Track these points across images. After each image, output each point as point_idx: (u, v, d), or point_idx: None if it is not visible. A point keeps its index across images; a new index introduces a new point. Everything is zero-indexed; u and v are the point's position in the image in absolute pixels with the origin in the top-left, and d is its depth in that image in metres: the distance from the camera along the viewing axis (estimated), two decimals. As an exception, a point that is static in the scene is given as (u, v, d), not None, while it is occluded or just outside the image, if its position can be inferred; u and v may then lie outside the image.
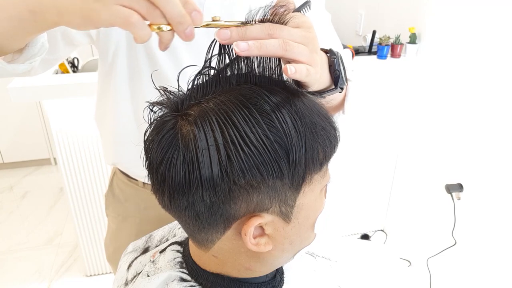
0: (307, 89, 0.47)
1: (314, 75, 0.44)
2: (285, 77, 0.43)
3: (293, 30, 0.41)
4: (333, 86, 0.52)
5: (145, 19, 0.37)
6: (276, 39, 0.39)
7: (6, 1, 0.42)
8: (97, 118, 0.85)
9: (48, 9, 0.40)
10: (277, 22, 0.41)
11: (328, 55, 0.51)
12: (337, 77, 0.51)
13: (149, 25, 0.37)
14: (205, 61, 0.42)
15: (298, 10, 0.44)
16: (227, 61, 0.42)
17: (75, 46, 0.71)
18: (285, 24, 0.41)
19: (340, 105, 0.63)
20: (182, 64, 0.69)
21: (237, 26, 0.40)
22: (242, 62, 0.43)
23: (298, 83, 0.45)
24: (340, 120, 0.65)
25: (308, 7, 0.45)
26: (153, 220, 0.80)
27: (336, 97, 0.57)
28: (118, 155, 0.82)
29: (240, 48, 0.38)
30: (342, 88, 0.53)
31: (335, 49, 0.52)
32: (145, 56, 0.70)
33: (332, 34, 0.75)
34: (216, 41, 0.41)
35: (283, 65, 0.42)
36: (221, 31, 0.39)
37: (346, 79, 0.54)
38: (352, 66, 0.55)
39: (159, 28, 0.37)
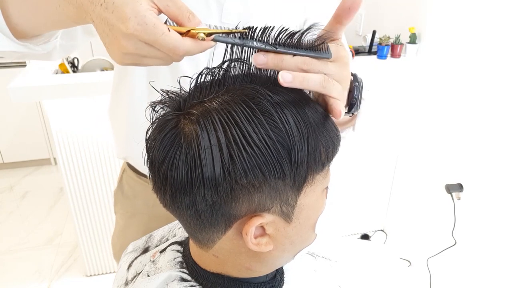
0: None
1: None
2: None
3: (331, 67, 0.42)
4: (346, 110, 0.53)
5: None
6: (318, 75, 0.41)
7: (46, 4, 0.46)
8: (111, 111, 0.85)
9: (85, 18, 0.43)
10: (313, 47, 0.41)
11: (352, 79, 0.52)
12: (352, 104, 0.52)
13: (189, 32, 0.40)
14: (222, 62, 0.43)
15: (312, 56, 0.43)
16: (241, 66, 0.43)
17: (93, 35, 0.71)
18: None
19: (350, 121, 0.63)
20: (199, 58, 0.69)
21: (240, 31, 0.40)
22: (245, 64, 0.43)
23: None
24: (349, 136, 0.65)
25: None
26: (161, 217, 0.80)
27: (346, 115, 0.58)
28: (130, 150, 0.82)
29: (285, 79, 0.39)
30: (353, 113, 0.53)
31: (359, 76, 0.52)
32: None
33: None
34: (231, 46, 0.42)
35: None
36: (258, 56, 0.40)
37: (360, 106, 0.55)
38: (368, 86, 0.56)
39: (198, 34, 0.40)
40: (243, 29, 0.40)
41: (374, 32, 1.92)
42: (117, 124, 0.85)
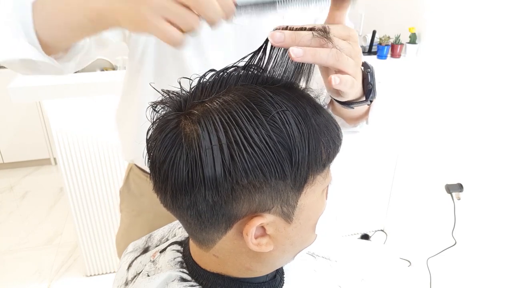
0: (341, 99, 0.49)
1: (356, 88, 0.46)
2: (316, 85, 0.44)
3: (343, 42, 0.43)
4: (363, 98, 0.53)
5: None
6: (329, 49, 0.41)
7: (67, 13, 0.50)
8: (119, 115, 0.85)
9: (107, 18, 0.46)
10: (324, 31, 0.42)
11: (362, 68, 0.52)
12: (369, 91, 0.52)
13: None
14: (248, 61, 0.43)
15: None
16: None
17: (106, 46, 0.73)
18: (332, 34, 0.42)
19: (363, 115, 0.63)
20: (208, 61, 0.70)
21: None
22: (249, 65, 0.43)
23: (333, 92, 0.47)
24: (362, 130, 0.65)
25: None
26: (167, 216, 0.80)
27: (361, 108, 0.57)
28: (138, 152, 0.82)
29: (295, 53, 0.39)
30: (371, 101, 0.53)
31: (369, 63, 0.53)
32: (171, 55, 0.71)
33: None
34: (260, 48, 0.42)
35: (303, 80, 0.44)
36: (276, 33, 0.40)
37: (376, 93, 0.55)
38: (379, 78, 0.56)
39: None
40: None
41: (374, 32, 1.92)
42: (125, 127, 0.85)
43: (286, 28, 0.41)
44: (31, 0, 0.52)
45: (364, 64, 0.52)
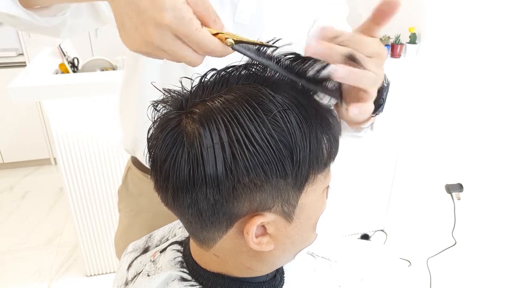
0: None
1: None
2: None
3: (372, 64, 0.42)
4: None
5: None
6: (372, 74, 0.41)
7: None
8: (121, 106, 0.85)
9: None
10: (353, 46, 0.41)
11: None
12: (379, 105, 0.51)
13: (216, 34, 0.40)
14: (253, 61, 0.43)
15: (321, 90, 0.44)
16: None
17: (100, 18, 0.70)
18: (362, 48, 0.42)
19: (368, 120, 0.63)
20: (209, 60, 0.69)
21: (264, 45, 0.41)
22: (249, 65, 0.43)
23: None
24: (366, 136, 0.65)
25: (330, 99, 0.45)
26: (165, 215, 0.80)
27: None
28: (138, 142, 0.82)
29: (339, 74, 0.39)
30: (377, 114, 0.53)
31: (387, 76, 0.52)
32: None
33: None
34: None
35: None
36: (338, 71, 0.40)
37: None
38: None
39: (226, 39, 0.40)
40: (268, 42, 0.41)
41: (374, 32, 1.92)
42: (126, 119, 0.84)
43: (262, 46, 0.41)
44: None
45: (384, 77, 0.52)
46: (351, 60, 0.40)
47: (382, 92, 0.50)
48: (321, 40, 0.41)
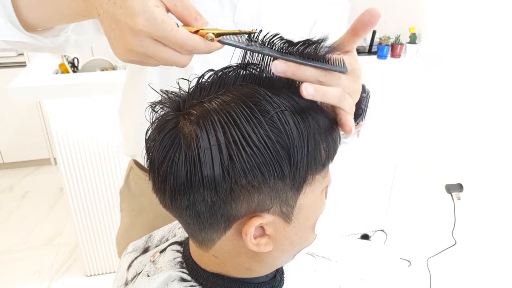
0: None
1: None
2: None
3: (344, 80, 0.42)
4: None
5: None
6: (337, 90, 0.40)
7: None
8: (121, 109, 0.85)
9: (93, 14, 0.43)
10: (327, 60, 0.40)
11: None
12: (358, 115, 0.52)
13: (198, 32, 0.40)
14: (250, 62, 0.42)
15: (328, 68, 0.42)
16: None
17: (104, 34, 0.71)
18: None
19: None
20: (208, 59, 0.69)
21: (248, 32, 0.40)
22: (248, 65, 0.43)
23: None
24: (352, 142, 0.65)
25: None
26: (167, 215, 0.80)
27: None
28: (138, 148, 0.82)
29: (308, 91, 0.38)
30: (357, 123, 0.53)
31: (367, 86, 0.52)
32: None
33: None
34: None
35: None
36: (279, 64, 0.39)
37: (365, 116, 0.54)
38: (373, 94, 0.55)
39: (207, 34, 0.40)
40: (252, 30, 0.40)
41: (374, 32, 1.92)
42: (126, 122, 0.84)
43: (251, 36, 0.40)
44: None
45: (362, 87, 0.52)
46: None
47: (361, 102, 0.51)
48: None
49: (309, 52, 0.40)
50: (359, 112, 0.51)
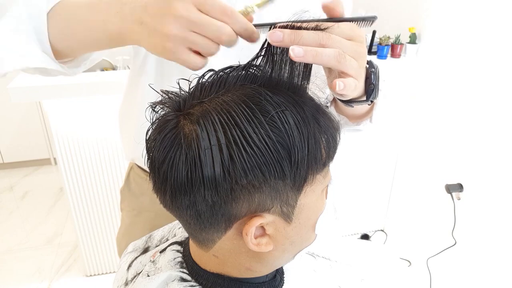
0: (341, 98, 0.48)
1: (358, 89, 0.45)
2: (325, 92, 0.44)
3: (346, 43, 0.41)
4: (364, 98, 0.52)
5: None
6: (332, 49, 0.40)
7: (85, 28, 0.51)
8: (121, 114, 0.85)
9: (127, 38, 0.48)
10: (328, 29, 0.41)
11: (367, 66, 0.51)
12: (370, 90, 0.51)
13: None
14: (252, 60, 0.43)
15: (357, 20, 0.43)
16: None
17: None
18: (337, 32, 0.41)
19: (367, 113, 0.62)
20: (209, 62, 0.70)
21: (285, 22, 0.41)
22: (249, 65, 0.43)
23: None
24: (366, 128, 0.64)
25: (371, 22, 0.43)
26: (167, 215, 0.80)
27: (363, 106, 0.57)
28: (139, 151, 0.82)
29: (296, 53, 0.38)
30: (372, 101, 0.52)
31: (374, 62, 0.52)
32: None
33: None
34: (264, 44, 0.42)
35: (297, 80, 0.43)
36: (274, 33, 0.39)
37: (378, 93, 0.54)
38: (384, 76, 0.55)
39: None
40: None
41: (374, 32, 1.92)
42: (127, 126, 0.84)
43: (287, 26, 0.40)
44: (46, 9, 0.53)
45: (369, 63, 0.51)
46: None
47: (370, 78, 0.50)
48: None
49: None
50: (371, 88, 0.50)
